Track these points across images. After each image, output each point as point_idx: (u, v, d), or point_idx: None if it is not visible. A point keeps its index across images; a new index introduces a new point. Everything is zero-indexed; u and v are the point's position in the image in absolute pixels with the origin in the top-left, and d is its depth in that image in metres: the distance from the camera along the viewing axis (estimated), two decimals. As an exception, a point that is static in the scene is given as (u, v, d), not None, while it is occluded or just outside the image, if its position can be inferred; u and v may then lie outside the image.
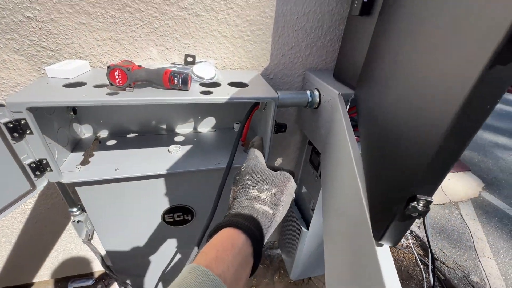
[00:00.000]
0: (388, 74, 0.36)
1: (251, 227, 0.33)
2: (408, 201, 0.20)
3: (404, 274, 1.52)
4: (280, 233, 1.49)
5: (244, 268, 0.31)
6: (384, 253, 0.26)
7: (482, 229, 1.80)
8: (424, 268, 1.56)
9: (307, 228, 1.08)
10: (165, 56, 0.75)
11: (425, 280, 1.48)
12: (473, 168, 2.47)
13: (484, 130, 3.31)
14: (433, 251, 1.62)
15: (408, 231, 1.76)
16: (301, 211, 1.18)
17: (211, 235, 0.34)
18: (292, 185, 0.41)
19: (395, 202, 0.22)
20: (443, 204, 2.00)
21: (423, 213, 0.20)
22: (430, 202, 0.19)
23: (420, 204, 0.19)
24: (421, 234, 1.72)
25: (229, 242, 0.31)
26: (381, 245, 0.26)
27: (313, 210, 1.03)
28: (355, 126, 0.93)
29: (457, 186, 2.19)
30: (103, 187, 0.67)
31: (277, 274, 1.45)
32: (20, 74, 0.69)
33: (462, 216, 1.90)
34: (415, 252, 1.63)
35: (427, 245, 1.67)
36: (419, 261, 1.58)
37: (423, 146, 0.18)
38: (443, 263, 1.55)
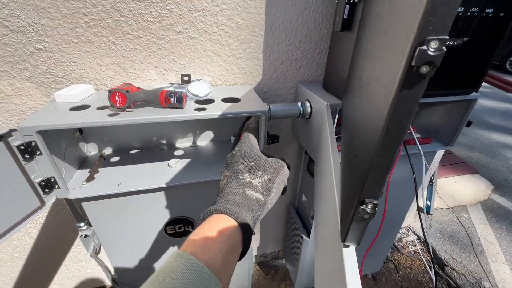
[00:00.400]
0: (356, 87, 0.39)
1: (241, 214, 0.33)
2: (360, 204, 0.22)
3: (413, 282, 1.48)
4: (284, 243, 1.49)
5: (232, 255, 0.31)
6: (349, 253, 0.28)
7: (493, 233, 1.75)
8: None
9: (308, 236, 1.09)
10: (163, 76, 0.81)
11: (435, 287, 1.44)
12: (481, 170, 2.42)
13: (491, 131, 3.25)
14: (442, 257, 1.58)
15: (416, 237, 1.73)
16: (302, 219, 1.19)
17: (201, 220, 0.34)
18: (285, 172, 0.40)
19: (352, 205, 0.24)
20: (451, 208, 1.96)
21: (371, 215, 0.22)
22: (376, 205, 0.22)
23: (369, 207, 0.22)
24: (429, 240, 1.69)
25: (218, 228, 0.31)
26: (348, 246, 0.29)
27: (312, 218, 1.04)
28: (348, 134, 0.96)
29: (464, 189, 2.15)
30: (107, 202, 0.71)
31: (282, 285, 1.44)
32: (32, 99, 0.75)
33: (464, 221, 1.86)
34: (423, 259, 1.59)
35: (426, 243, 1.62)
36: (428, 268, 1.54)
37: (366, 154, 0.21)
38: (453, 269, 1.51)
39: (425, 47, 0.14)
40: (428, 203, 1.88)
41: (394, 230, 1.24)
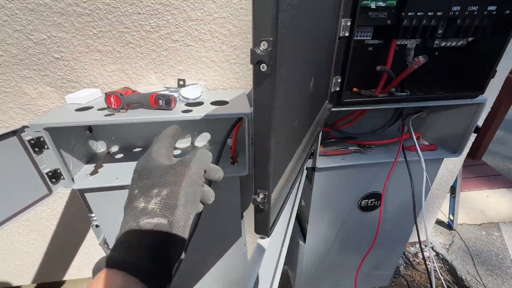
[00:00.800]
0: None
1: (132, 260, 0.26)
2: (254, 194, 0.24)
3: (427, 302, 1.37)
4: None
5: None
6: (261, 243, 0.29)
7: (530, 256, 1.55)
8: (453, 297, 1.39)
9: (304, 241, 1.07)
10: (162, 81, 0.87)
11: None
12: (521, 185, 2.16)
13: (539, 141, 2.88)
14: (464, 277, 1.44)
15: (434, 254, 1.59)
16: (300, 224, 1.18)
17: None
18: (193, 172, 0.31)
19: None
20: (479, 225, 1.78)
21: (263, 204, 0.23)
22: (266, 195, 0.23)
23: (260, 197, 0.23)
24: (449, 258, 1.55)
25: None
26: (263, 237, 0.30)
27: (307, 222, 1.03)
28: (344, 138, 0.94)
29: (498, 204, 1.93)
30: (106, 194, 0.78)
31: (283, 290, 1.43)
32: (52, 101, 0.86)
33: (495, 239, 1.66)
34: (441, 278, 1.46)
35: (423, 257, 1.48)
36: (446, 288, 1.41)
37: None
38: (476, 292, 1.36)
39: (255, 48, 0.16)
40: (451, 217, 1.72)
41: (401, 243, 1.17)
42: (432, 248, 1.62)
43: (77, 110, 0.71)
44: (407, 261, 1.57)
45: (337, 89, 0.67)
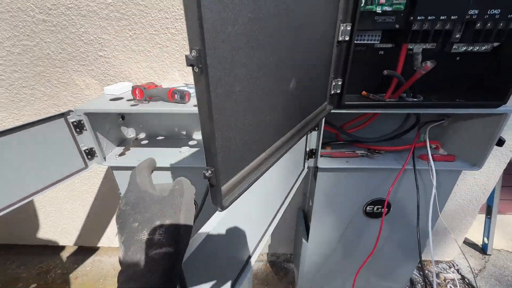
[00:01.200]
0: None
1: None
2: (205, 170, 0.29)
3: (443, 326, 1.27)
4: (293, 247, 1.49)
5: None
6: (216, 215, 0.34)
7: None
8: (475, 326, 1.27)
9: (308, 240, 1.09)
10: (184, 78, 0.98)
11: None
12: None
13: None
14: (491, 307, 1.30)
15: (459, 277, 1.46)
16: (307, 223, 1.19)
17: None
18: (187, 201, 0.35)
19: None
20: (522, 254, 1.57)
21: (210, 178, 0.28)
22: (212, 172, 0.28)
23: (208, 172, 0.28)
24: (477, 284, 1.40)
25: None
26: (221, 210, 0.34)
27: (310, 221, 1.05)
28: (353, 142, 0.94)
29: (551, 234, 1.67)
30: (129, 173, 0.91)
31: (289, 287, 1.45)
32: (95, 92, 1.03)
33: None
34: (463, 303, 1.34)
35: (423, 274, 1.35)
36: (468, 315, 1.29)
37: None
38: (503, 325, 1.22)
39: (189, 54, 0.21)
40: (485, 240, 1.55)
41: (412, 257, 1.11)
42: (458, 270, 1.48)
43: (111, 100, 0.85)
44: (426, 280, 1.47)
45: (338, 91, 0.69)
